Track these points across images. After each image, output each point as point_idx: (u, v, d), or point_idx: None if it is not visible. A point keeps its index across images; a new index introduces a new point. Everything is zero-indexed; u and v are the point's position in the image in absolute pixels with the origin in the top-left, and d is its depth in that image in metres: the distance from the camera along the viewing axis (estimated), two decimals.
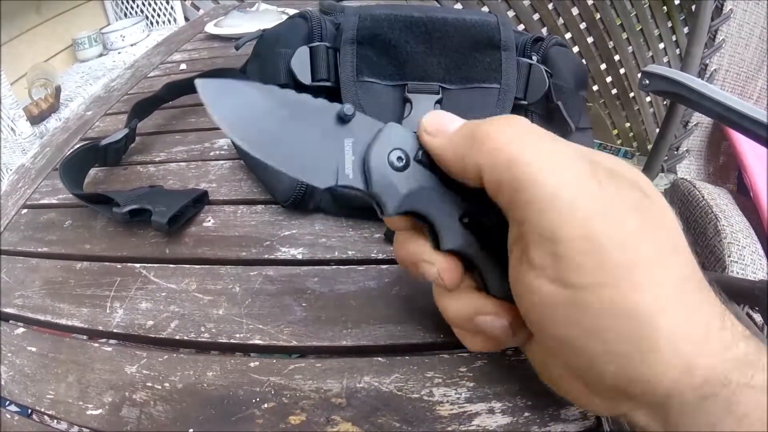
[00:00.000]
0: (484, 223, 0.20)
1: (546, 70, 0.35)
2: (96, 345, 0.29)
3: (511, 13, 1.48)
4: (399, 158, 0.19)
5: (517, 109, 0.36)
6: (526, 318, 0.18)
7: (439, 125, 0.19)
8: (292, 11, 0.76)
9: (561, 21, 1.52)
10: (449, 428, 0.23)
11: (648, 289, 0.15)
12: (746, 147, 0.71)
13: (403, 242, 0.22)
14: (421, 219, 0.20)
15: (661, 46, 1.65)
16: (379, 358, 0.27)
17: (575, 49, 1.56)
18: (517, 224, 0.17)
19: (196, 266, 0.33)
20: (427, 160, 0.19)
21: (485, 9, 1.46)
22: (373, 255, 0.33)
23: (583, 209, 0.15)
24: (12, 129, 1.24)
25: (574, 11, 1.51)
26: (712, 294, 0.16)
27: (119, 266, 0.34)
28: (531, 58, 0.35)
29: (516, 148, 0.16)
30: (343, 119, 0.19)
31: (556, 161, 0.16)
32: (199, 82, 0.18)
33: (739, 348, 0.15)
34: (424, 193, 0.19)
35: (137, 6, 1.86)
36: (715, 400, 0.14)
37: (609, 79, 1.65)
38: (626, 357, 0.15)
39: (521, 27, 1.47)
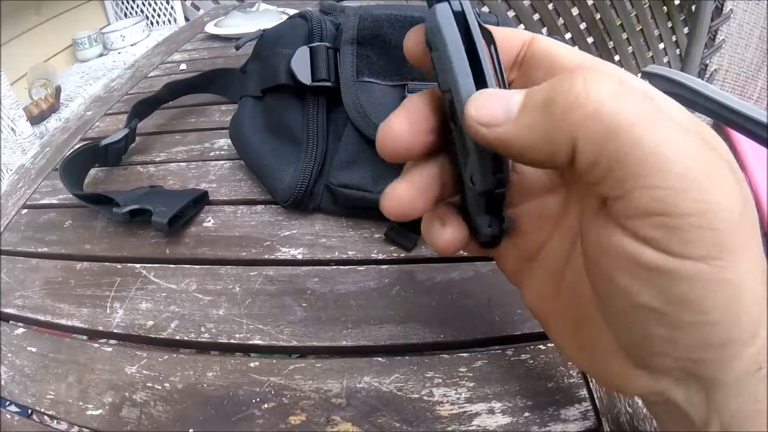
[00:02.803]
0: None
1: None
2: (96, 345, 0.29)
3: (511, 14, 1.48)
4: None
5: None
6: (597, 277, 0.16)
7: (496, 109, 0.15)
8: (292, 11, 0.77)
9: (561, 21, 1.52)
10: (449, 428, 0.23)
11: (743, 263, 0.14)
12: (746, 147, 0.71)
13: None
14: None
15: (661, 46, 1.65)
16: (379, 358, 0.27)
17: None
18: (604, 192, 0.15)
19: (196, 266, 0.33)
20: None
21: (485, 9, 1.46)
22: (373, 255, 0.33)
23: (699, 182, 0.14)
24: (12, 129, 1.24)
25: (574, 11, 1.51)
26: None
27: (119, 266, 0.34)
28: None
29: (614, 110, 0.14)
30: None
31: (664, 125, 0.14)
32: None
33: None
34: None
35: (137, 6, 1.86)
36: (759, 376, 0.15)
37: None
38: (709, 326, 0.14)
39: (521, 27, 1.47)
